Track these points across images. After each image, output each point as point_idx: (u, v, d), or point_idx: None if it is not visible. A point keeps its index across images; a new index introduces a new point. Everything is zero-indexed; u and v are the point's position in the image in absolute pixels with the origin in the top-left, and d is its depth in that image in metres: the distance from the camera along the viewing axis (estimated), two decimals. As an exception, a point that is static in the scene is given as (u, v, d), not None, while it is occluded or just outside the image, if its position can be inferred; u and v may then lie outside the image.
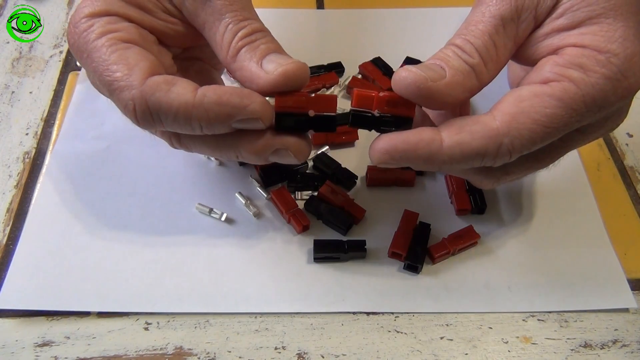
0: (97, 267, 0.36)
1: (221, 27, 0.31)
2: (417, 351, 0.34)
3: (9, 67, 0.49)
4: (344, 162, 0.41)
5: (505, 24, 0.29)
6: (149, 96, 0.28)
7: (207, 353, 0.33)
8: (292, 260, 0.37)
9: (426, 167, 0.29)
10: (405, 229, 0.37)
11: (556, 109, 0.27)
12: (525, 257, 0.38)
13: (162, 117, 0.28)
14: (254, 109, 0.28)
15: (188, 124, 0.28)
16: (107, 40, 0.29)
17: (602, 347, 0.34)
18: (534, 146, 0.28)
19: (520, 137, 0.27)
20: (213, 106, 0.28)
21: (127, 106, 0.28)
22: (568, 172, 0.42)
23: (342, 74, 0.48)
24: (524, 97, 0.28)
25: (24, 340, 0.34)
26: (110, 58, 0.29)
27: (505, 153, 0.28)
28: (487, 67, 0.29)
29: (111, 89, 0.29)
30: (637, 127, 0.46)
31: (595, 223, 0.39)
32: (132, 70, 0.28)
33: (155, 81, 0.28)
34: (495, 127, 0.27)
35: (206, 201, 0.39)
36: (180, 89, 0.28)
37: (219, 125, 0.29)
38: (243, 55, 0.30)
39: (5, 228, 0.39)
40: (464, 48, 0.29)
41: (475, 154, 0.28)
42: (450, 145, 0.28)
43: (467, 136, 0.28)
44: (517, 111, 0.27)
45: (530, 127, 0.27)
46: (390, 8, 0.54)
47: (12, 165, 0.42)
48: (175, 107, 0.28)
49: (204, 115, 0.28)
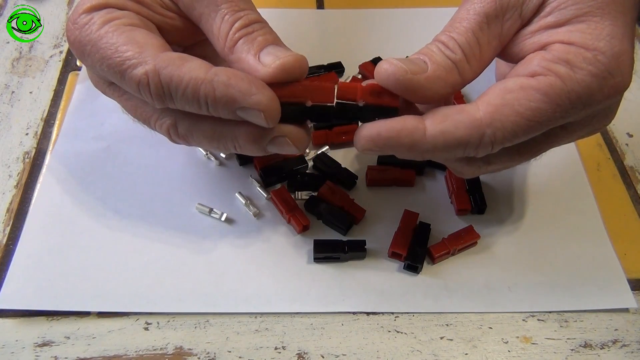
0: (97, 267, 0.36)
1: (217, 19, 0.30)
2: (417, 351, 0.34)
3: (9, 67, 0.49)
4: (344, 162, 0.41)
5: (490, 22, 0.29)
6: (162, 69, 0.28)
7: (207, 353, 0.33)
8: (292, 260, 0.37)
9: (409, 155, 0.29)
10: (405, 229, 0.37)
11: (541, 104, 0.27)
12: (525, 257, 0.38)
13: (172, 91, 0.28)
14: (259, 100, 0.28)
15: (196, 100, 0.28)
16: (110, 27, 0.29)
17: (602, 347, 0.34)
18: (517, 139, 0.28)
19: (503, 129, 0.27)
20: (221, 86, 0.28)
21: (142, 81, 0.28)
22: (568, 172, 0.42)
23: (342, 74, 0.48)
24: (509, 89, 0.28)
25: (24, 340, 0.34)
26: (119, 40, 0.29)
27: (487, 144, 0.28)
28: (470, 64, 0.29)
29: (122, 68, 0.29)
30: (637, 127, 0.46)
31: (595, 223, 0.39)
32: (143, 47, 0.28)
33: (169, 56, 0.28)
34: (479, 117, 0.27)
35: (206, 201, 0.39)
36: (193, 65, 0.28)
37: (224, 108, 0.28)
38: (240, 47, 0.30)
39: (5, 228, 0.39)
40: (447, 44, 0.29)
41: (457, 144, 0.28)
42: (433, 134, 0.28)
43: (451, 125, 0.28)
44: (501, 103, 0.27)
45: (514, 120, 0.27)
46: (390, 8, 0.54)
47: (12, 165, 0.42)
48: (186, 81, 0.28)
49: (211, 93, 0.28)
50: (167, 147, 0.42)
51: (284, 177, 0.40)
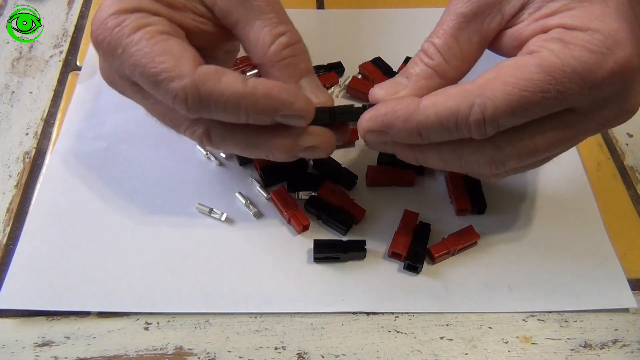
0: (97, 267, 0.36)
1: (256, 28, 0.32)
2: (417, 351, 0.34)
3: (9, 67, 0.49)
4: (344, 162, 0.41)
5: (469, 21, 0.31)
6: (201, 84, 0.28)
7: (207, 353, 0.33)
8: (292, 260, 0.37)
9: (406, 132, 0.29)
10: (405, 229, 0.37)
11: (533, 74, 0.27)
12: (525, 257, 0.38)
13: (212, 105, 0.29)
14: (300, 107, 0.30)
15: (236, 112, 0.29)
16: (145, 34, 0.29)
17: (602, 347, 0.34)
18: (512, 113, 0.28)
19: (494, 99, 0.27)
20: (262, 98, 0.29)
21: (178, 95, 0.29)
22: (568, 172, 0.42)
23: (342, 74, 0.48)
24: (503, 65, 0.28)
25: (24, 340, 0.34)
26: (154, 50, 0.29)
27: (477, 113, 0.27)
28: (450, 64, 0.31)
29: (158, 79, 0.29)
30: (637, 127, 0.46)
31: (595, 223, 0.39)
32: (180, 60, 0.29)
33: (207, 70, 0.29)
34: (470, 87, 0.28)
35: (206, 201, 0.39)
36: (230, 79, 0.29)
37: (264, 117, 0.30)
38: (284, 69, 0.32)
39: (5, 228, 0.39)
40: (427, 51, 0.31)
41: (448, 114, 0.28)
42: (426, 104, 0.29)
43: (442, 97, 0.29)
44: (494, 76, 0.28)
45: (505, 89, 0.27)
46: (390, 8, 0.54)
47: (12, 165, 0.42)
48: (226, 96, 0.28)
49: (252, 106, 0.29)
50: (167, 147, 0.42)
51: (284, 177, 0.40)
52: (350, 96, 0.47)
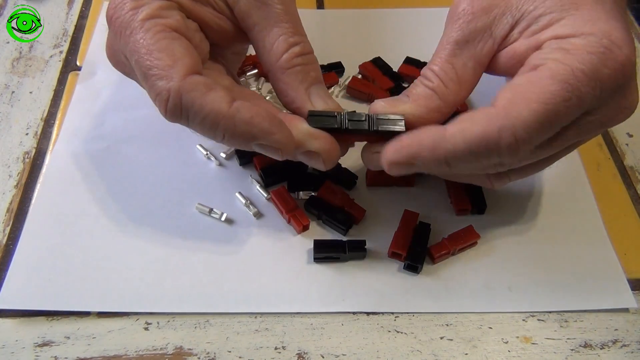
0: (97, 267, 0.36)
1: (273, 35, 0.32)
2: (417, 351, 0.34)
3: (9, 67, 0.48)
4: (344, 162, 0.41)
5: (462, 47, 0.32)
6: (185, 92, 0.28)
7: (207, 353, 0.33)
8: (292, 260, 0.37)
9: (434, 164, 0.29)
10: (405, 229, 0.37)
11: (550, 86, 0.27)
12: (525, 257, 0.38)
13: (190, 115, 0.29)
14: (279, 139, 0.30)
15: (212, 130, 0.29)
16: (154, 25, 0.29)
17: (602, 347, 0.34)
18: (541, 128, 0.28)
19: (521, 118, 0.27)
20: (242, 124, 0.29)
21: (161, 95, 0.29)
22: (568, 172, 0.42)
23: (342, 74, 0.48)
24: (516, 84, 0.29)
25: (24, 340, 0.34)
26: (157, 44, 0.29)
27: (507, 136, 0.27)
28: (448, 87, 0.32)
29: (148, 73, 0.29)
30: (637, 127, 0.46)
31: (595, 223, 0.39)
32: (176, 63, 0.29)
33: (196, 80, 0.29)
34: (495, 111, 0.28)
35: (206, 201, 0.39)
36: (217, 96, 0.29)
37: (241, 142, 0.30)
38: (294, 75, 0.33)
39: (5, 228, 0.39)
40: (426, 75, 0.33)
41: (477, 139, 0.28)
42: (452, 132, 0.29)
43: (468, 123, 0.29)
44: (512, 96, 0.28)
45: (530, 106, 0.27)
46: (390, 8, 0.54)
47: (12, 165, 0.42)
48: (206, 111, 0.28)
49: (230, 129, 0.29)
50: (167, 147, 0.42)
51: (284, 177, 0.40)
52: (350, 96, 0.47)
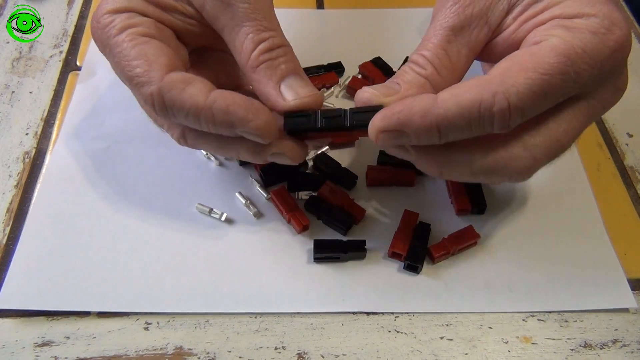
0: (97, 267, 0.36)
1: (241, 35, 0.32)
2: (417, 351, 0.34)
3: (9, 67, 0.48)
4: (344, 162, 0.41)
5: (456, 33, 0.31)
6: (165, 92, 0.29)
7: (207, 353, 0.33)
8: (292, 260, 0.37)
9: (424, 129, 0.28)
10: (405, 229, 0.37)
11: (550, 58, 0.27)
12: (525, 257, 0.38)
13: (175, 113, 0.30)
14: (257, 126, 0.29)
15: (197, 122, 0.30)
16: (127, 36, 0.30)
17: (602, 347, 0.34)
18: (536, 98, 0.27)
19: (517, 85, 0.27)
20: (219, 113, 0.29)
21: (147, 100, 0.30)
22: (568, 172, 0.42)
23: (342, 74, 0.48)
24: (516, 55, 0.28)
25: (24, 340, 0.34)
26: (131, 53, 0.30)
27: (502, 101, 0.27)
28: (442, 75, 0.31)
29: (132, 83, 0.30)
30: (637, 127, 0.46)
31: (595, 223, 0.39)
32: (152, 66, 0.29)
33: (173, 79, 0.29)
34: (489, 77, 0.27)
35: (206, 201, 0.39)
36: (193, 90, 0.29)
37: (225, 130, 0.30)
38: (263, 72, 0.31)
39: (5, 228, 0.39)
40: (417, 62, 0.31)
41: (470, 105, 0.27)
42: (444, 98, 0.27)
43: (461, 89, 0.27)
44: (510, 64, 0.28)
45: (526, 74, 0.27)
46: (390, 8, 0.54)
47: (12, 165, 0.42)
48: (187, 107, 0.29)
49: (210, 119, 0.29)
50: (167, 147, 0.42)
51: (284, 177, 0.40)
52: (351, 96, 0.47)
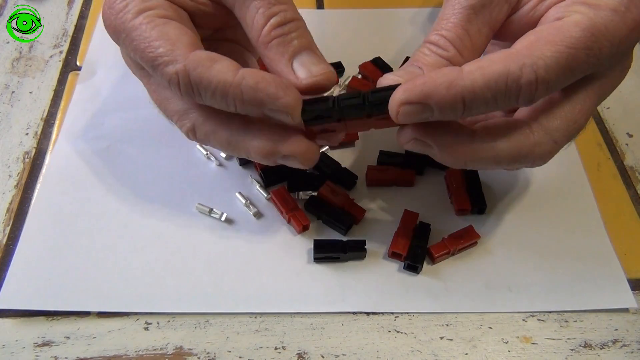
0: (97, 267, 0.36)
1: (252, 9, 0.31)
2: (417, 351, 0.34)
3: (9, 67, 0.49)
4: (344, 162, 0.41)
5: (477, 12, 0.30)
6: (191, 70, 0.28)
7: (207, 353, 0.33)
8: (292, 260, 0.37)
9: (449, 102, 0.27)
10: (405, 229, 0.37)
11: (576, 32, 0.27)
12: (525, 257, 0.38)
13: (202, 91, 0.29)
14: (287, 103, 0.28)
15: (224, 101, 0.29)
16: (144, 18, 0.30)
17: (602, 347, 0.34)
18: (562, 72, 0.27)
19: (544, 58, 0.26)
20: (249, 90, 0.28)
21: (172, 79, 0.29)
22: (568, 172, 0.42)
23: (342, 74, 0.48)
24: (540, 30, 0.28)
25: (24, 340, 0.34)
26: (152, 35, 0.29)
27: (529, 73, 0.26)
28: (464, 56, 0.30)
29: (155, 64, 0.29)
30: (637, 127, 0.46)
31: (595, 223, 0.39)
32: (175, 45, 0.29)
33: (199, 56, 0.29)
34: (516, 50, 0.27)
35: (206, 201, 0.39)
36: (221, 67, 0.28)
37: (252, 108, 0.29)
38: (275, 48, 0.30)
39: (5, 228, 0.39)
40: (438, 43, 0.30)
41: (497, 76, 0.26)
42: (470, 69, 0.27)
43: (487, 62, 0.27)
44: (535, 38, 0.27)
45: (554, 48, 0.27)
46: (390, 8, 0.54)
47: (12, 165, 0.42)
48: (214, 84, 0.28)
49: (238, 97, 0.28)
50: (167, 147, 0.42)
51: (284, 177, 0.40)
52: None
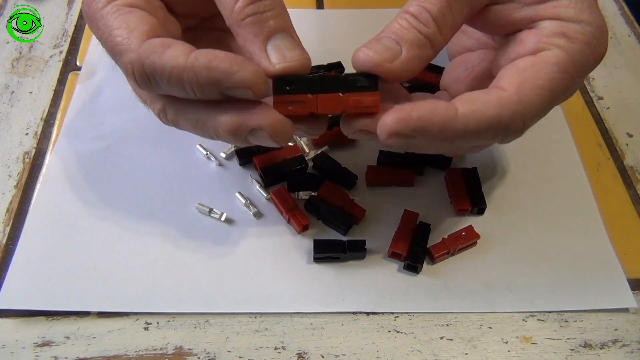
0: (97, 267, 0.36)
1: None
2: (417, 351, 0.34)
3: (9, 67, 0.48)
4: (344, 162, 0.41)
5: None
6: (144, 59, 0.27)
7: (207, 353, 0.33)
8: (292, 260, 0.37)
9: (437, 141, 0.28)
10: (405, 229, 0.37)
11: (555, 74, 0.28)
12: (525, 257, 0.38)
13: (157, 79, 0.28)
14: (243, 77, 0.27)
15: (181, 86, 0.28)
16: (111, 7, 0.30)
17: (602, 347, 0.34)
18: (543, 112, 0.29)
19: (531, 103, 0.28)
20: (202, 70, 0.27)
21: (127, 70, 0.28)
22: (568, 172, 0.42)
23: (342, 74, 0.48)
24: (523, 69, 0.29)
25: (24, 340, 0.34)
26: (114, 24, 0.29)
27: (518, 122, 0.28)
28: (442, 34, 0.29)
29: (113, 53, 0.29)
30: (637, 127, 0.46)
31: (595, 223, 0.39)
32: (131, 33, 0.28)
33: (152, 43, 0.28)
34: (507, 95, 0.28)
35: (206, 201, 0.39)
36: (174, 51, 0.27)
37: (210, 90, 0.28)
38: (249, 27, 0.28)
39: (5, 228, 0.39)
40: (419, 17, 0.29)
41: (489, 122, 0.28)
42: (464, 112, 0.28)
43: (481, 105, 0.28)
44: (521, 80, 0.28)
45: (538, 93, 0.28)
46: (390, 8, 0.54)
47: (12, 165, 0.42)
48: (168, 70, 0.27)
49: (194, 79, 0.27)
50: (167, 147, 0.42)
51: (284, 177, 0.40)
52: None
